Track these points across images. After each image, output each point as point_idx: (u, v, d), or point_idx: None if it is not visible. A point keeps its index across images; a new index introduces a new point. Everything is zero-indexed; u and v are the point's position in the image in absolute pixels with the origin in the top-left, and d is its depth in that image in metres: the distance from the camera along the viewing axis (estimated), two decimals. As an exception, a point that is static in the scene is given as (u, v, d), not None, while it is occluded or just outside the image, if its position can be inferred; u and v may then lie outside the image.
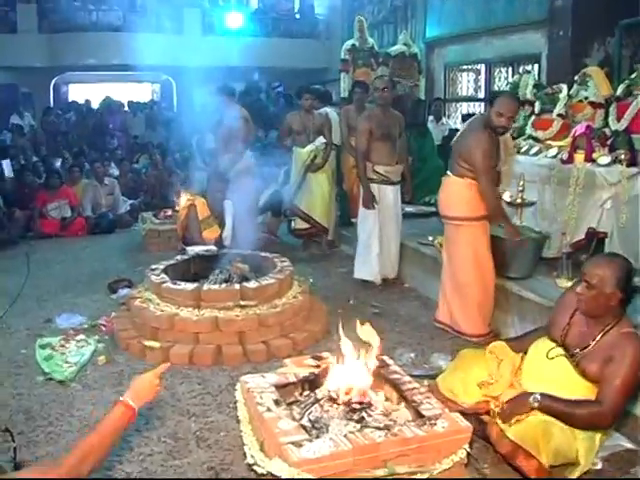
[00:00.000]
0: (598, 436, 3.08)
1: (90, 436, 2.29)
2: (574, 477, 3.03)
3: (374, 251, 6.12)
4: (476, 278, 4.77)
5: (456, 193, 4.79)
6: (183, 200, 8.09)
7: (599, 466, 3.16)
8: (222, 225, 6.52)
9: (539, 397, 3.00)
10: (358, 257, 6.29)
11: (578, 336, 3.14)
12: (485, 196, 4.63)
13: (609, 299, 3.00)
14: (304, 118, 7.40)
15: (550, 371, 3.15)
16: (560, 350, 3.16)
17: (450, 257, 4.93)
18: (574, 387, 3.06)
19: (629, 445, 3.36)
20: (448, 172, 4.94)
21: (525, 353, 3.39)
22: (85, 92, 19.31)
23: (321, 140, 7.35)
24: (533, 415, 3.00)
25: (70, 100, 18.78)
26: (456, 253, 4.85)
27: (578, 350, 3.10)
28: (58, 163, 11.39)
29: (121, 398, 2.44)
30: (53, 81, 17.86)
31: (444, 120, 10.41)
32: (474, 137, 4.65)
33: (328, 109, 7.62)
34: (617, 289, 2.98)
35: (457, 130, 10.90)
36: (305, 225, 7.57)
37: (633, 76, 5.58)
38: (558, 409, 2.97)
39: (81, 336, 4.79)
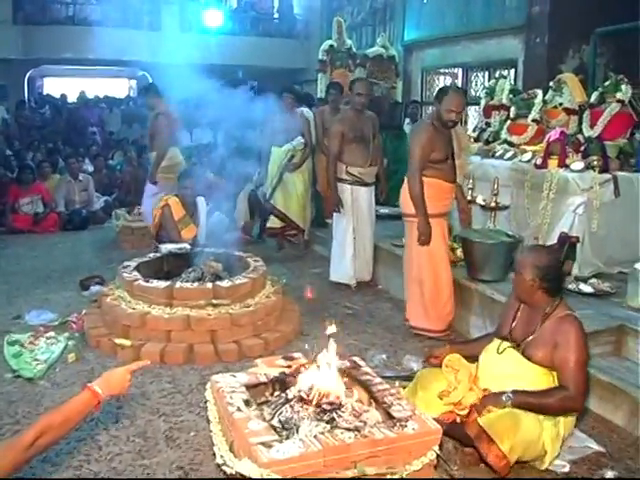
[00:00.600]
0: (561, 424, 3.15)
1: (52, 414, 2.27)
2: (543, 468, 3.15)
3: (348, 253, 6.13)
4: (429, 274, 4.88)
5: (406, 191, 4.87)
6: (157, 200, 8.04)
7: (567, 469, 3.21)
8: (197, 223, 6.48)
9: (511, 395, 3.11)
10: (333, 259, 6.31)
11: (522, 328, 3.31)
12: (408, 187, 4.78)
13: (531, 286, 3.20)
14: (284, 118, 7.35)
15: (502, 365, 3.27)
16: (507, 343, 3.31)
17: (407, 253, 5.06)
18: (526, 375, 3.18)
19: (597, 447, 3.41)
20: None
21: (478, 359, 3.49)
22: (60, 86, 19.11)
23: (300, 140, 7.35)
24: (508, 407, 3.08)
25: (45, 94, 18.58)
26: (411, 249, 4.97)
27: (524, 340, 3.25)
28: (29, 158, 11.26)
29: (89, 384, 2.41)
30: (28, 74, 17.62)
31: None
32: (414, 133, 4.95)
33: (305, 109, 7.60)
34: (536, 277, 3.17)
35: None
36: (279, 224, 7.56)
37: (607, 84, 5.66)
38: (530, 402, 3.08)
39: (51, 333, 4.72)
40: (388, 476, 2.67)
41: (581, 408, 3.15)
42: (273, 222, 7.63)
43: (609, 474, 3.19)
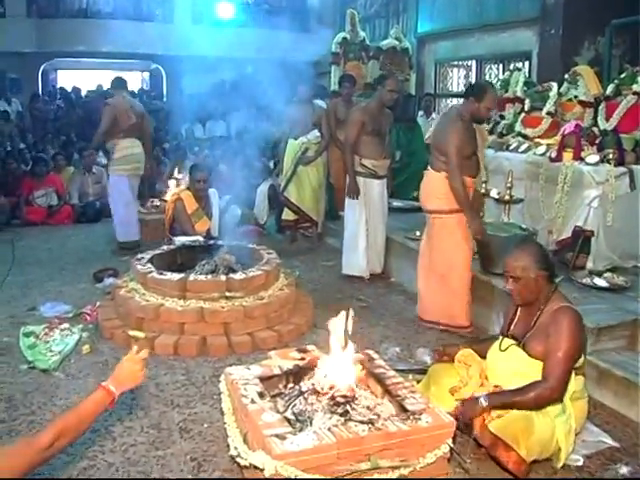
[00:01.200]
0: (572, 418, 3.13)
1: (67, 416, 2.28)
2: (560, 465, 3.12)
3: (361, 245, 6.13)
4: (452, 270, 4.86)
5: (434, 187, 4.85)
6: (171, 191, 8.08)
7: (580, 462, 3.19)
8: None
9: (486, 398, 3.08)
10: (346, 252, 6.30)
11: (522, 325, 3.31)
12: (452, 188, 4.69)
13: (537, 282, 3.18)
14: (302, 110, 7.38)
15: (506, 362, 3.26)
16: (509, 340, 3.30)
17: (430, 250, 5.02)
18: (529, 371, 3.15)
19: (611, 442, 3.39)
20: (429, 167, 4.99)
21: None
22: (74, 79, 19.16)
23: (315, 134, 7.35)
24: (516, 410, 3.03)
25: (59, 87, 18.64)
26: (435, 246, 4.95)
27: (525, 336, 3.25)
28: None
29: (103, 383, 2.42)
30: (42, 67, 17.69)
31: (434, 115, 10.42)
32: (449, 129, 4.76)
33: (320, 102, 7.59)
34: (539, 270, 3.17)
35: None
36: (293, 216, 7.58)
37: (622, 76, 5.62)
38: (507, 402, 3.06)
39: (65, 325, 4.75)
40: (402, 469, 2.68)
41: (560, 400, 3.09)
42: (287, 215, 7.65)
43: (623, 469, 3.17)
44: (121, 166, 7.18)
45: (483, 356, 3.48)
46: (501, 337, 3.38)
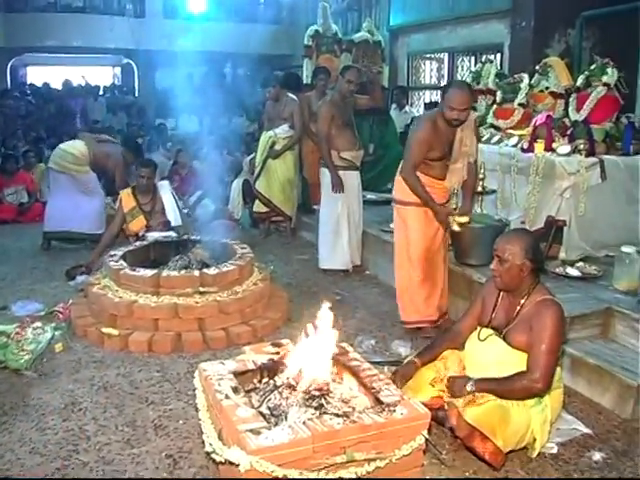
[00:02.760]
0: (548, 408, 3.16)
1: None
2: (535, 454, 3.15)
3: (344, 238, 6.15)
4: (401, 262, 4.77)
5: (397, 178, 4.75)
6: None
7: (555, 450, 3.23)
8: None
9: (473, 383, 3.12)
10: (324, 246, 6.28)
11: (503, 316, 3.30)
12: (404, 180, 4.60)
13: (521, 270, 3.17)
14: (272, 105, 7.46)
15: (486, 352, 3.27)
16: (489, 330, 3.30)
17: (396, 241, 4.92)
18: (510, 361, 3.17)
19: (584, 429, 3.44)
20: None
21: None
22: (44, 75, 18.89)
23: (284, 128, 7.33)
24: (492, 399, 3.05)
25: (29, 83, 18.37)
26: (394, 235, 4.92)
27: (506, 327, 3.25)
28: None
29: None
30: (10, 63, 17.42)
31: (407, 108, 10.44)
32: (414, 128, 4.65)
33: (291, 95, 7.56)
34: (526, 259, 3.17)
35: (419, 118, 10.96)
36: (264, 209, 7.58)
37: (592, 68, 5.66)
38: (493, 389, 3.08)
39: (38, 323, 4.65)
40: (377, 461, 2.68)
41: (544, 393, 3.11)
42: (258, 206, 7.66)
43: (597, 455, 3.21)
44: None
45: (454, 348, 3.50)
46: (479, 327, 3.37)
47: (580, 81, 5.69)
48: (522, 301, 3.22)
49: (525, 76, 6.09)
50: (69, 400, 3.70)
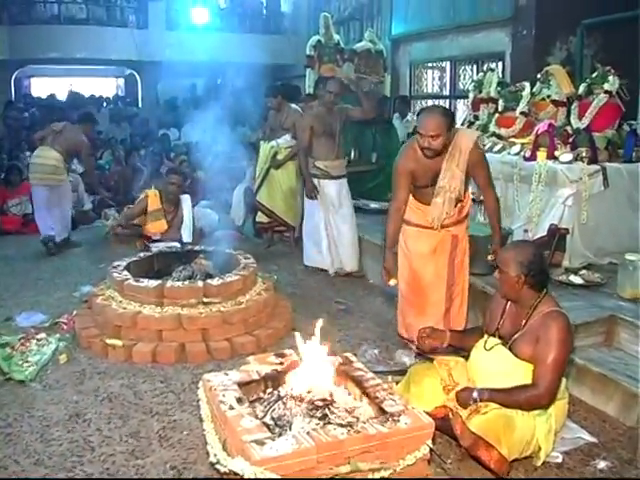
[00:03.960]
0: (553, 417, 3.15)
1: None
2: (540, 463, 3.14)
3: (324, 244, 6.45)
4: (400, 274, 4.45)
5: None
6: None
7: (559, 459, 3.22)
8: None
9: (477, 394, 3.12)
10: (306, 245, 6.68)
11: (510, 325, 3.29)
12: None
13: (516, 282, 3.16)
14: (274, 115, 7.50)
15: (491, 362, 3.26)
16: (495, 340, 3.29)
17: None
18: (515, 372, 3.16)
19: (589, 438, 3.42)
20: None
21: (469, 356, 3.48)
22: (48, 86, 19.00)
23: (286, 138, 7.35)
24: (496, 408, 3.04)
25: (34, 95, 18.49)
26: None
27: (512, 337, 3.24)
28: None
29: None
30: (14, 74, 17.51)
31: (409, 117, 10.46)
32: (398, 156, 4.30)
33: (293, 105, 7.59)
34: (520, 272, 3.14)
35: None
36: (266, 219, 7.61)
37: (594, 75, 5.68)
38: (497, 400, 3.08)
39: (42, 335, 4.69)
40: (382, 471, 2.68)
41: (549, 406, 3.11)
42: (260, 217, 7.69)
43: (602, 464, 3.20)
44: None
45: (467, 349, 3.50)
46: (486, 336, 3.37)
47: (582, 89, 5.70)
48: (528, 312, 3.21)
49: (527, 84, 6.11)
50: (73, 411, 3.71)
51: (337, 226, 6.42)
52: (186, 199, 6.41)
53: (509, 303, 3.34)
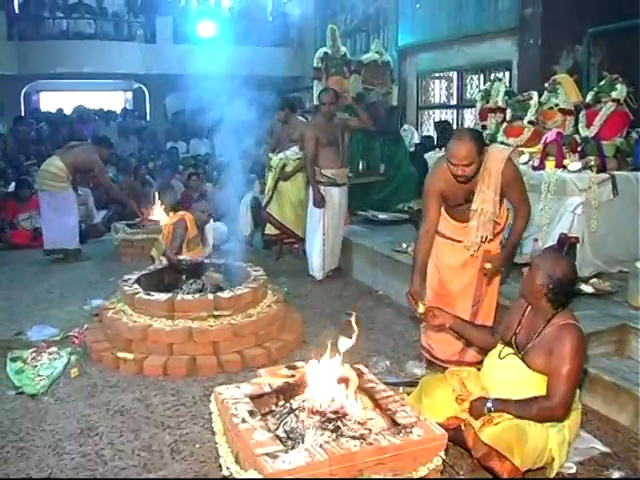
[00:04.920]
0: (566, 429, 3.13)
1: None
2: (553, 475, 3.11)
3: (316, 248, 6.66)
4: (429, 286, 4.37)
5: None
6: (159, 212, 8.09)
7: (573, 470, 3.20)
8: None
9: (491, 404, 3.11)
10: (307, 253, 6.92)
11: (526, 334, 3.26)
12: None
13: (537, 290, 3.13)
14: (282, 128, 7.58)
15: (504, 371, 3.24)
16: (509, 349, 3.27)
17: None
18: (527, 382, 3.14)
19: (603, 448, 3.40)
20: None
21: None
22: (57, 100, 19.12)
23: (294, 150, 7.37)
24: (508, 419, 3.03)
25: (42, 109, 18.60)
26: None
27: (526, 347, 3.21)
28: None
29: None
30: (24, 89, 17.64)
31: (406, 126, 10.48)
32: (429, 172, 4.25)
33: (301, 118, 7.62)
34: (545, 284, 3.10)
35: (429, 137, 11.02)
36: (275, 231, 7.62)
37: (601, 84, 5.67)
38: (511, 411, 3.07)
39: (53, 348, 4.71)
40: (395, 483, 2.67)
41: (563, 419, 3.09)
42: (269, 229, 7.71)
43: (616, 474, 3.18)
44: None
45: (470, 340, 3.60)
46: (500, 344, 3.35)
47: (589, 97, 5.70)
48: (544, 323, 3.18)
49: (534, 93, 6.10)
50: (85, 425, 3.71)
51: (334, 230, 6.74)
52: (211, 225, 6.48)
53: (527, 312, 3.30)
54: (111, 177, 11.48)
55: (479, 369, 3.50)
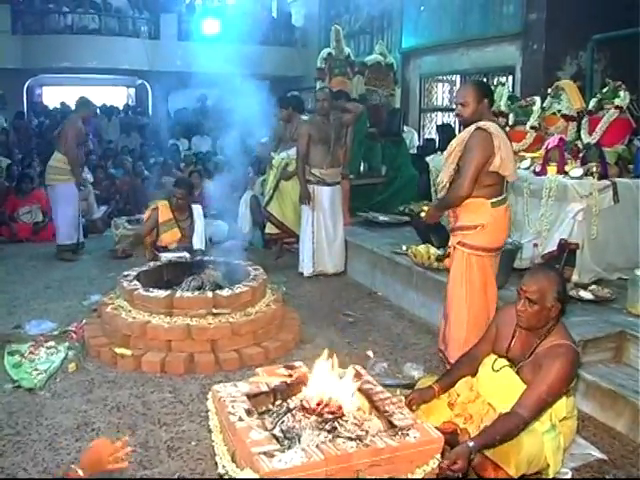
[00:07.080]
0: (561, 435, 3.11)
1: None
2: None
3: (306, 246, 6.74)
4: (451, 300, 4.35)
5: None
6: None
7: (569, 475, 3.20)
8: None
9: (472, 445, 2.86)
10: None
11: (520, 348, 3.20)
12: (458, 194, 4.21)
13: (550, 311, 3.07)
14: (284, 127, 7.59)
15: (499, 382, 3.20)
16: (504, 361, 3.22)
17: (455, 282, 4.35)
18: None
19: (599, 455, 3.41)
20: None
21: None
22: (59, 95, 19.11)
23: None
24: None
25: (45, 103, 18.61)
26: (459, 277, 4.31)
27: (520, 362, 3.16)
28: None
29: (72, 465, 2.21)
30: (27, 83, 17.64)
31: (405, 128, 10.48)
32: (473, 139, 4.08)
33: (303, 117, 7.62)
34: (556, 302, 3.05)
35: (431, 140, 11.03)
36: (276, 230, 7.62)
37: (604, 90, 5.69)
38: (491, 442, 2.91)
39: (51, 343, 4.70)
40: (390, 485, 2.67)
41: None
42: (270, 228, 7.70)
43: (611, 481, 3.19)
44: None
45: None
46: (494, 355, 3.30)
47: (592, 104, 5.71)
48: (539, 341, 3.11)
49: (537, 99, 6.11)
50: (82, 420, 3.71)
51: (327, 228, 6.80)
52: (197, 207, 6.45)
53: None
54: (111, 173, 11.53)
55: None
